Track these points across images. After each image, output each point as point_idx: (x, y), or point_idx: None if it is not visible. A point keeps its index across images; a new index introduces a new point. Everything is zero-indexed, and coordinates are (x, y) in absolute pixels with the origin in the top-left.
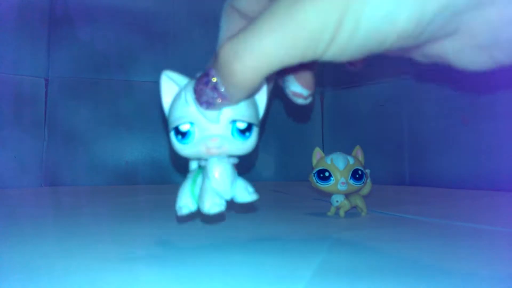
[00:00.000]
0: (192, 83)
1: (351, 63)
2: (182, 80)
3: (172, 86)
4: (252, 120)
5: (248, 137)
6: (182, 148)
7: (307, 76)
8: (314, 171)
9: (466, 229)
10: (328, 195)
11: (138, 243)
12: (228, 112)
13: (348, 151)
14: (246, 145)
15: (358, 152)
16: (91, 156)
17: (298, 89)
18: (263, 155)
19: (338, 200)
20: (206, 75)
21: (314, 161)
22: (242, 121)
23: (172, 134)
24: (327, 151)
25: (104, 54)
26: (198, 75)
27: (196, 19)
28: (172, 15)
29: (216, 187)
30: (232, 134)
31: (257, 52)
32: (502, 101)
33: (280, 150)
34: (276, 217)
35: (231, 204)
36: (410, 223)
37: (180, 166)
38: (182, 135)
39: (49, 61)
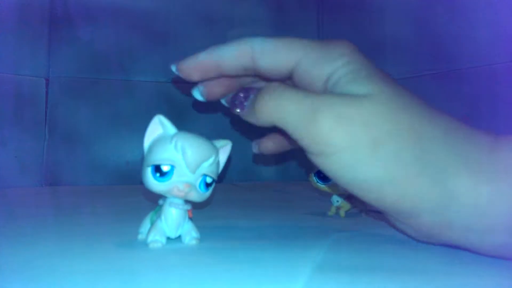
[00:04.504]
0: (183, 134)
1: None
2: (171, 126)
3: (158, 129)
4: (216, 177)
5: (208, 190)
6: (156, 184)
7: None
8: (314, 171)
9: None
10: (328, 195)
11: (138, 243)
12: (203, 167)
13: None
14: (204, 195)
15: None
16: (92, 156)
17: None
18: (263, 155)
19: (338, 200)
20: (251, 90)
21: None
22: (210, 177)
23: (149, 169)
24: None
25: (104, 54)
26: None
27: (196, 19)
28: (172, 15)
29: (165, 227)
30: (200, 185)
31: (282, 111)
32: (502, 101)
33: None
34: (276, 216)
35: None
36: None
37: None
38: (161, 173)
39: (50, 61)
